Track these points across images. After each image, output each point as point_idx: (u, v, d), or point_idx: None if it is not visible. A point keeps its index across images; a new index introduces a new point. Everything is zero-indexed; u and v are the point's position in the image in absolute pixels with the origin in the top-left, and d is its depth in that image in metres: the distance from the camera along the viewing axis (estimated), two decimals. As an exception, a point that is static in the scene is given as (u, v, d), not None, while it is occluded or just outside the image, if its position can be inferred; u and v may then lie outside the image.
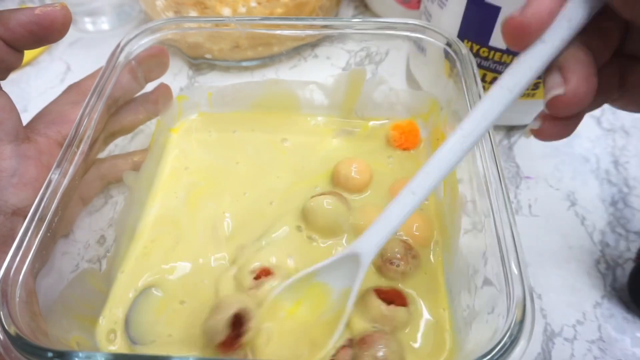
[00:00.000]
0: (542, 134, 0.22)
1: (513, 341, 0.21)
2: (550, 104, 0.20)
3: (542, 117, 0.22)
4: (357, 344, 0.27)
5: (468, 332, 0.27)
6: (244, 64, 0.46)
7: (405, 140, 0.38)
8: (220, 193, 0.36)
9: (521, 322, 0.21)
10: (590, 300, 0.32)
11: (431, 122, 0.38)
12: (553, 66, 0.20)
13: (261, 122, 0.40)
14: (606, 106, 0.44)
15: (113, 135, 0.35)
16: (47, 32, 0.28)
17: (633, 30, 0.21)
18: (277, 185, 0.36)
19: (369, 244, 0.26)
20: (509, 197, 0.25)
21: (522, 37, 0.20)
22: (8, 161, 0.27)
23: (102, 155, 0.34)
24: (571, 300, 0.32)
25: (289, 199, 0.35)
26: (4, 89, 0.29)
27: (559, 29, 0.19)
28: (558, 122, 0.21)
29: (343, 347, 0.27)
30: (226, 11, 0.45)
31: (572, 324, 0.31)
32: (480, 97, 0.29)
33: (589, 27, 0.20)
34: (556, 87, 0.20)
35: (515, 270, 0.23)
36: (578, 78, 0.19)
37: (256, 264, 0.30)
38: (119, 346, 0.29)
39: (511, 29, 0.20)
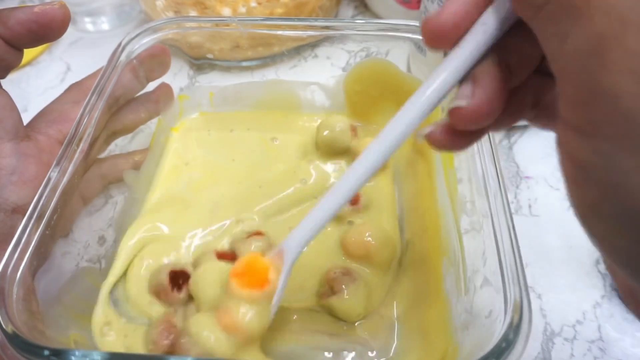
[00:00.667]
0: (435, 141, 0.20)
1: (509, 345, 0.20)
2: (451, 112, 0.19)
3: (441, 124, 0.20)
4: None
5: (465, 336, 0.26)
6: (244, 63, 0.46)
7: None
8: (217, 183, 0.37)
9: (518, 325, 0.21)
10: (590, 300, 0.32)
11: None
12: (469, 76, 0.19)
13: (259, 122, 0.41)
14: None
15: (114, 135, 0.35)
16: (46, 30, 0.28)
17: None
18: (267, 176, 0.37)
19: (294, 241, 0.25)
20: (507, 198, 0.25)
21: (439, 39, 0.19)
22: (8, 159, 0.27)
23: (102, 155, 0.34)
24: (571, 300, 0.32)
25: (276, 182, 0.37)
26: (4, 87, 0.29)
27: (475, 34, 0.18)
28: (456, 133, 0.20)
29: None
30: (226, 11, 0.45)
31: (572, 324, 0.31)
32: None
33: (508, 44, 0.19)
34: (462, 98, 0.18)
35: (512, 273, 0.22)
36: (485, 94, 0.18)
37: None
38: (115, 332, 0.29)
39: (428, 30, 0.19)
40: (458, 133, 0.20)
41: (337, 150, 0.37)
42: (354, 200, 0.32)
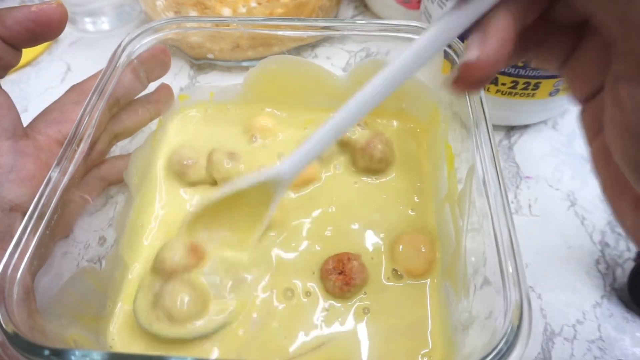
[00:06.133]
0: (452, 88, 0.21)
1: (509, 347, 0.20)
2: (462, 67, 0.19)
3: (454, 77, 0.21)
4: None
5: (465, 336, 0.26)
6: (245, 64, 0.46)
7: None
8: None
9: (518, 327, 0.21)
10: (590, 300, 0.32)
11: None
12: (479, 25, 0.19)
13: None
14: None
15: (117, 137, 0.34)
16: (44, 29, 0.28)
17: None
18: None
19: (287, 169, 0.27)
20: (507, 198, 0.25)
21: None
22: (5, 157, 0.27)
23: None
24: (571, 300, 0.32)
25: None
26: (3, 87, 0.29)
27: None
28: (467, 82, 0.20)
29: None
30: (226, 11, 0.45)
31: (572, 324, 0.31)
32: (481, 99, 0.29)
33: None
34: (472, 50, 0.19)
35: (512, 273, 0.22)
36: (493, 45, 0.18)
37: None
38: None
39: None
40: (469, 82, 0.20)
41: None
42: (348, 281, 0.30)
